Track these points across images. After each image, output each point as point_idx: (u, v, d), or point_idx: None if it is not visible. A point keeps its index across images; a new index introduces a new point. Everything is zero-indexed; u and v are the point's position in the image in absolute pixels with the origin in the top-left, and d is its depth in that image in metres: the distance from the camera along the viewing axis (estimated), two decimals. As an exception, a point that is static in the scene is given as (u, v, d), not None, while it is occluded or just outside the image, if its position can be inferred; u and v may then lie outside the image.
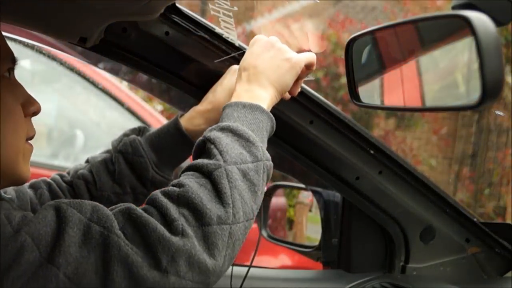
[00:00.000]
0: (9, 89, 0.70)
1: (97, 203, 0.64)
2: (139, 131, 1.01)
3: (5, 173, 0.69)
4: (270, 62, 0.87)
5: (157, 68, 1.00)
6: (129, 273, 0.59)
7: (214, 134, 0.75)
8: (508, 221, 4.55)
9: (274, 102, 0.88)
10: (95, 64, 1.16)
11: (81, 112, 2.61)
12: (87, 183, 0.97)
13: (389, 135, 4.99)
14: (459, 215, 1.25)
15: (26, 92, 0.74)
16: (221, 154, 0.71)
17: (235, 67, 0.98)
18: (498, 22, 0.67)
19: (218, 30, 0.98)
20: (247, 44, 1.03)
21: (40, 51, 2.20)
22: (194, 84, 1.04)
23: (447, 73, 0.88)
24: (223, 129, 0.76)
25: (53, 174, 1.01)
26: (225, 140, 0.73)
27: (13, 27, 0.90)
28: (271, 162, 0.78)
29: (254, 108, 0.81)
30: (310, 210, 4.28)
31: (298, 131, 1.07)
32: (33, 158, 0.78)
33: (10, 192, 0.87)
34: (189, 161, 0.79)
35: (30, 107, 0.74)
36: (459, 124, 5.43)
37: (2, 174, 0.69)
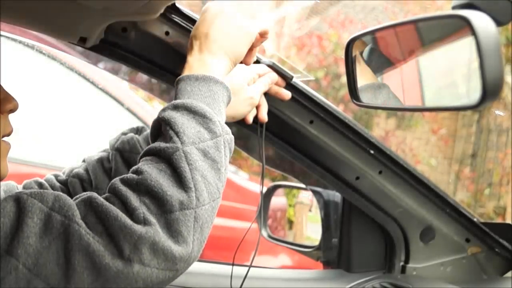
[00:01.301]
0: None
1: (61, 193, 0.63)
2: (137, 130, 1.01)
3: None
4: (222, 30, 0.84)
5: (157, 68, 1.00)
6: (91, 262, 0.58)
7: (169, 114, 0.72)
8: (508, 221, 4.55)
9: (228, 71, 0.85)
10: (95, 64, 1.16)
11: (81, 112, 2.61)
12: (82, 182, 0.96)
13: (389, 135, 4.99)
14: (459, 215, 1.25)
15: (3, 90, 0.74)
16: (177, 136, 0.69)
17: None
18: (498, 22, 0.67)
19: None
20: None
21: (40, 51, 2.20)
22: (194, 84, 1.03)
23: (447, 73, 0.88)
24: (177, 107, 0.73)
25: (48, 174, 1.00)
26: (180, 120, 0.70)
27: (13, 27, 0.90)
28: (231, 135, 0.76)
29: (207, 79, 0.78)
30: (310, 210, 4.28)
31: (298, 131, 1.07)
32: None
33: None
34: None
35: (7, 104, 0.73)
36: (459, 124, 5.43)
37: None
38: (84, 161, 1.00)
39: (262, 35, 0.89)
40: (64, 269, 0.58)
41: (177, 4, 0.93)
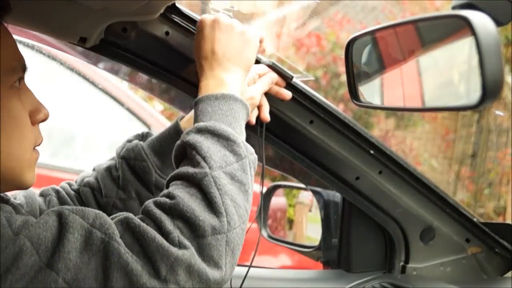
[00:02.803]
0: (18, 99, 0.70)
1: (100, 211, 0.64)
2: (142, 137, 1.00)
3: (10, 179, 0.70)
4: (227, 43, 0.84)
5: (157, 68, 1.00)
6: (129, 281, 0.59)
7: (193, 137, 0.73)
8: (508, 221, 4.55)
9: (243, 81, 0.85)
10: (95, 64, 1.16)
11: (81, 112, 2.61)
12: (93, 191, 0.96)
13: (389, 135, 4.98)
14: (459, 215, 1.25)
15: (35, 99, 0.74)
16: (205, 160, 0.70)
17: None
18: (498, 22, 0.67)
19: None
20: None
21: (40, 51, 2.20)
22: (194, 84, 1.03)
23: (447, 73, 0.88)
24: (200, 131, 0.74)
25: (62, 182, 1.00)
26: (205, 144, 0.72)
27: (13, 27, 0.90)
28: (255, 155, 0.77)
29: (227, 98, 0.78)
30: (310, 210, 4.27)
31: (298, 131, 1.07)
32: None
33: (19, 198, 0.87)
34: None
35: (38, 114, 0.73)
36: (459, 124, 5.43)
37: (7, 180, 0.69)
38: (94, 169, 1.00)
39: (260, 41, 0.90)
40: (102, 286, 0.59)
41: (177, 4, 0.93)
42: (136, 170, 0.95)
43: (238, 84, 0.82)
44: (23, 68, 0.72)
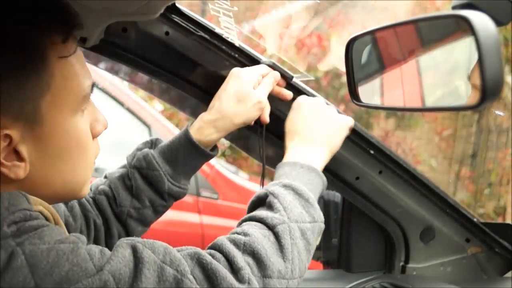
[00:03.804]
0: (84, 120, 0.70)
1: (167, 245, 0.65)
2: (151, 144, 0.99)
3: (69, 197, 0.72)
4: (323, 125, 0.94)
5: (157, 68, 1.00)
6: None
7: (278, 189, 0.79)
8: (508, 221, 4.55)
9: (326, 162, 0.94)
10: (95, 64, 1.16)
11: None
12: (108, 199, 0.97)
13: (389, 135, 4.99)
14: (459, 215, 1.25)
15: (95, 108, 0.74)
16: (285, 210, 0.75)
17: (236, 70, 0.97)
18: (498, 22, 0.67)
19: (218, 30, 0.98)
20: (247, 44, 1.03)
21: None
22: (194, 84, 1.04)
23: (447, 73, 0.88)
24: (286, 186, 0.80)
25: None
26: (288, 198, 0.78)
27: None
28: (323, 225, 0.82)
29: (311, 169, 0.87)
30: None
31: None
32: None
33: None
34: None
35: (98, 126, 0.74)
36: (459, 124, 5.44)
37: (66, 198, 0.72)
38: (106, 177, 1.00)
39: (350, 130, 1.00)
40: None
41: (177, 4, 0.93)
42: (148, 179, 0.95)
43: (320, 163, 0.91)
44: (93, 86, 0.71)
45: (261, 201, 0.80)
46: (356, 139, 1.10)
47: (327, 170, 1.14)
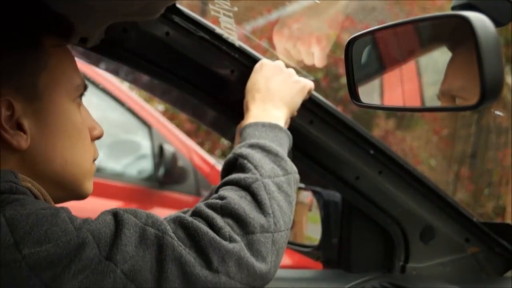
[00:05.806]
0: (80, 113, 0.75)
1: (151, 212, 0.68)
2: None
3: (72, 188, 0.74)
4: (282, 84, 0.95)
5: (157, 68, 1.00)
6: (182, 272, 0.63)
7: (245, 150, 0.81)
8: (508, 221, 4.55)
9: (287, 119, 0.95)
10: (96, 64, 1.16)
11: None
12: None
13: (389, 135, 4.98)
14: (458, 215, 1.25)
15: (91, 118, 0.80)
16: (256, 169, 0.77)
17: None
18: (497, 23, 0.67)
19: (218, 30, 0.98)
20: (247, 44, 1.03)
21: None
22: (194, 84, 1.04)
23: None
24: (252, 146, 0.82)
25: None
26: (257, 156, 0.79)
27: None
28: (298, 175, 0.83)
29: (273, 126, 0.88)
30: (310, 210, 4.27)
31: (298, 131, 1.07)
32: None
33: None
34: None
35: (94, 131, 0.78)
36: (459, 124, 5.43)
37: (70, 188, 0.74)
38: None
39: (309, 92, 1.01)
40: (157, 277, 0.62)
41: (177, 5, 0.93)
42: None
43: (283, 120, 0.93)
44: (85, 86, 0.78)
45: (232, 166, 0.82)
46: (356, 139, 1.10)
47: (327, 170, 1.15)
